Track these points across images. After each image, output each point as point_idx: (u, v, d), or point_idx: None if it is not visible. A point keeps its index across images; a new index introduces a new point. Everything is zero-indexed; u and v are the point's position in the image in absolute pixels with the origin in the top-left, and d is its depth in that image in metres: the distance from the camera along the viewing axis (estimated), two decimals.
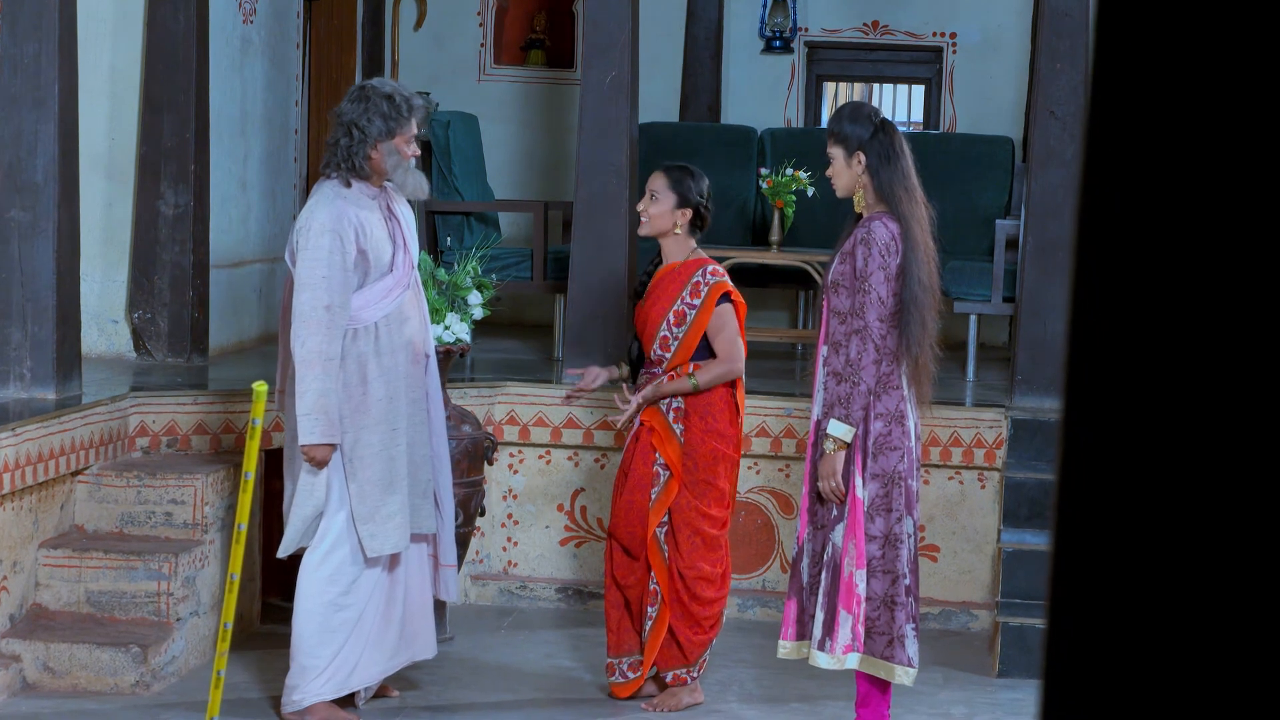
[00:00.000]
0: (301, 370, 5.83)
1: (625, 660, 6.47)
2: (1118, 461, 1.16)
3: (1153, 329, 1.15)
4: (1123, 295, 1.16)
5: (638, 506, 6.36)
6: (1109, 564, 1.16)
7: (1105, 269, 1.16)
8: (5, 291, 6.98)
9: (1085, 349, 1.17)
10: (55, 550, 6.62)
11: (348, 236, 5.88)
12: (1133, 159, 1.16)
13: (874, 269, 5.66)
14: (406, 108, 6.03)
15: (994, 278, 8.96)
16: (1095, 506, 1.16)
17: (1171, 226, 1.15)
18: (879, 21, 11.54)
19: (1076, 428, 1.17)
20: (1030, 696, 6.81)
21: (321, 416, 5.83)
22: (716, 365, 6.29)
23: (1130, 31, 1.16)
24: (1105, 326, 1.16)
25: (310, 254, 5.85)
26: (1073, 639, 1.17)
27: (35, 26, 6.96)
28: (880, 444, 5.72)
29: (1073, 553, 1.17)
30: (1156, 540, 1.15)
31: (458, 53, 11.64)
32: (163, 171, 8.32)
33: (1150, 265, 1.16)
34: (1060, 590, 1.18)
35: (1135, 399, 1.15)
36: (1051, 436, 7.76)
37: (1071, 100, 7.93)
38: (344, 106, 6.05)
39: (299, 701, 6.06)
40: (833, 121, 5.94)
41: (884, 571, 5.75)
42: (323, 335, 5.83)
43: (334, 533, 5.99)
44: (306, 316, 5.83)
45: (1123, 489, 1.16)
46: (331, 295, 5.84)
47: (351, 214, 5.92)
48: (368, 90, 6.04)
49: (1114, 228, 1.16)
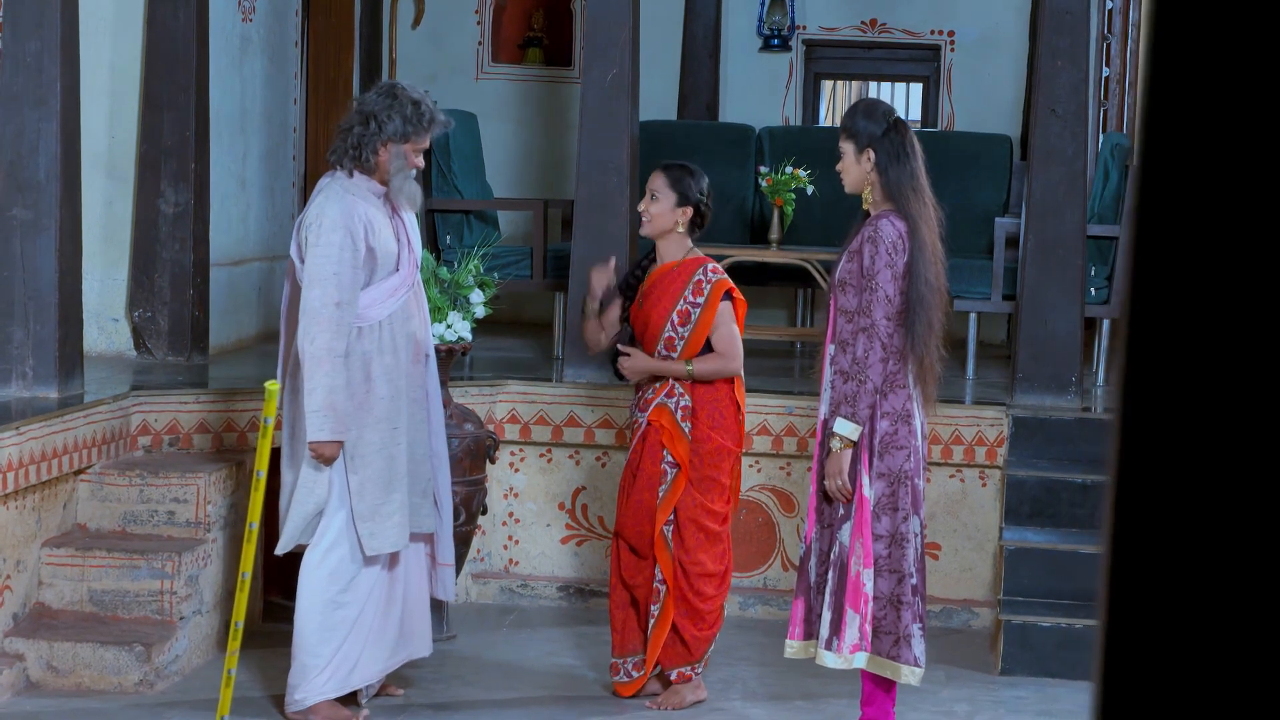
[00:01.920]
0: (310, 367, 5.82)
1: (630, 660, 6.47)
2: (1176, 462, 1.16)
3: (1211, 327, 1.15)
4: (1181, 293, 1.16)
5: (647, 506, 6.36)
6: (1167, 565, 1.16)
7: (1164, 268, 1.16)
8: (7, 290, 6.97)
9: (1143, 346, 1.17)
10: (58, 549, 6.61)
11: (357, 234, 5.87)
12: (1190, 158, 1.16)
13: (881, 267, 5.66)
14: (429, 118, 6.03)
15: (994, 276, 8.97)
16: (1153, 507, 1.16)
17: (1229, 228, 1.15)
18: (877, 19, 11.55)
19: (1134, 427, 1.17)
20: (1033, 694, 6.82)
21: (331, 413, 5.82)
22: (715, 359, 6.30)
23: (1187, 32, 1.16)
24: (1164, 324, 1.16)
25: (321, 250, 5.83)
26: (1131, 640, 1.17)
27: (37, 24, 6.95)
28: (886, 443, 5.72)
29: (1130, 553, 1.17)
30: (1214, 541, 1.15)
31: (455, 51, 11.64)
32: (163, 170, 8.31)
33: (1208, 263, 1.16)
34: (1117, 591, 1.18)
35: (1194, 399, 1.15)
36: (1053, 434, 7.77)
37: (1072, 98, 7.94)
38: (368, 97, 6.05)
39: (302, 701, 6.05)
40: (846, 116, 5.93)
41: (890, 571, 5.75)
42: (332, 332, 5.82)
43: (334, 530, 5.99)
44: (316, 313, 5.82)
45: (1181, 489, 1.16)
46: (341, 292, 5.83)
47: (361, 211, 5.91)
48: (398, 89, 6.04)
49: (1172, 229, 1.16)
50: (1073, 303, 7.97)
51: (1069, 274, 7.98)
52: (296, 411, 5.95)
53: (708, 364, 6.30)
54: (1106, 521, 1.20)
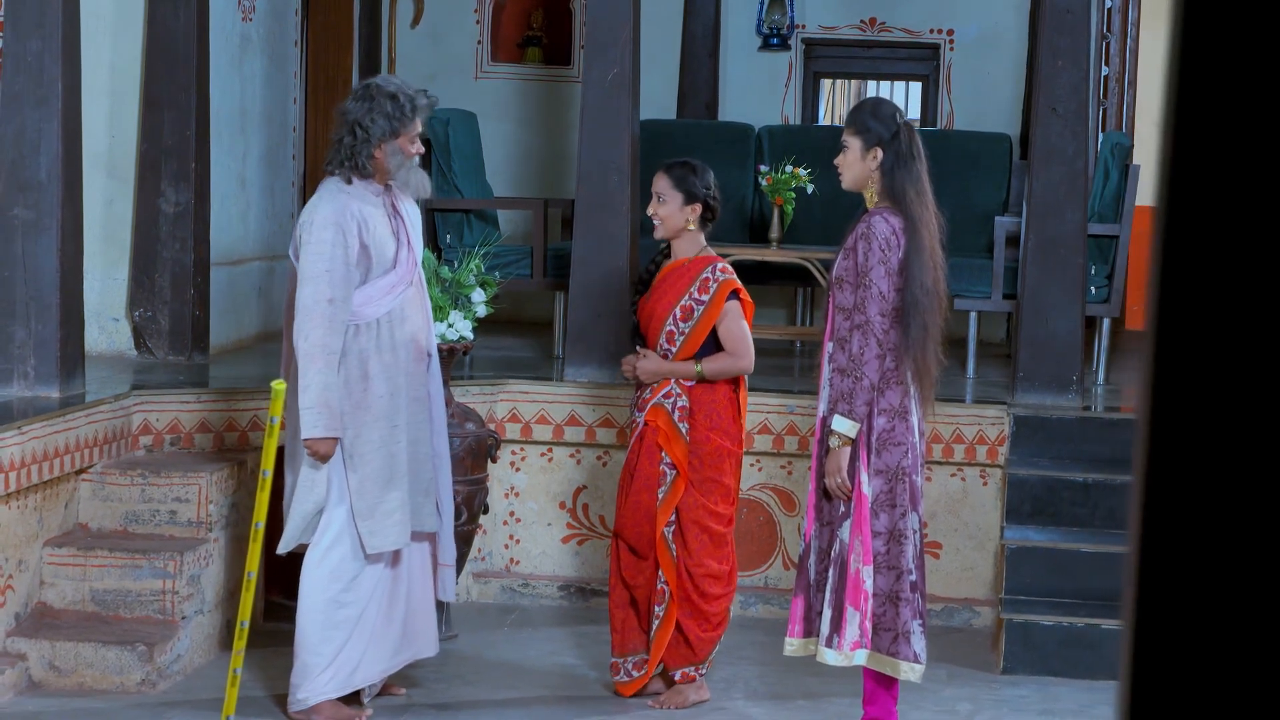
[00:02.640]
0: (304, 364, 5.82)
1: (630, 659, 6.47)
2: (1202, 464, 1.16)
3: (1239, 328, 1.15)
4: (1208, 296, 1.16)
5: (645, 506, 6.36)
6: (1193, 566, 1.17)
7: (1192, 270, 1.16)
8: (9, 290, 6.97)
9: (1171, 348, 1.17)
10: (60, 549, 6.61)
11: (350, 231, 5.87)
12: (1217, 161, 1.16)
13: (874, 263, 5.65)
14: (410, 107, 6.02)
15: (994, 275, 8.98)
16: (1182, 507, 1.17)
17: (1258, 230, 1.15)
18: (876, 18, 11.55)
19: (1161, 429, 1.17)
20: (1035, 693, 6.82)
21: (325, 410, 5.82)
22: (724, 358, 6.30)
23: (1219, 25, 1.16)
24: (1191, 325, 1.16)
25: (313, 248, 5.84)
26: (1158, 641, 1.17)
27: (38, 24, 6.94)
28: (884, 440, 5.72)
29: (1157, 555, 1.17)
30: (1241, 542, 1.15)
31: (455, 50, 11.63)
32: (163, 169, 8.31)
33: (1236, 265, 1.16)
34: (1144, 592, 1.18)
35: (1221, 400, 1.15)
36: (1054, 433, 7.78)
37: (1073, 97, 7.94)
38: (348, 105, 6.04)
39: (304, 700, 6.05)
40: (854, 113, 5.90)
41: (889, 567, 5.75)
42: (325, 329, 5.82)
43: (334, 529, 5.98)
44: (309, 310, 5.83)
45: (1207, 492, 1.16)
46: (334, 289, 5.83)
47: (355, 208, 5.91)
48: (372, 89, 6.03)
49: (1201, 233, 1.16)
50: (1073, 302, 7.97)
51: (1070, 273, 7.99)
52: (294, 411, 5.95)
53: (717, 363, 6.30)
54: (1133, 524, 1.20)
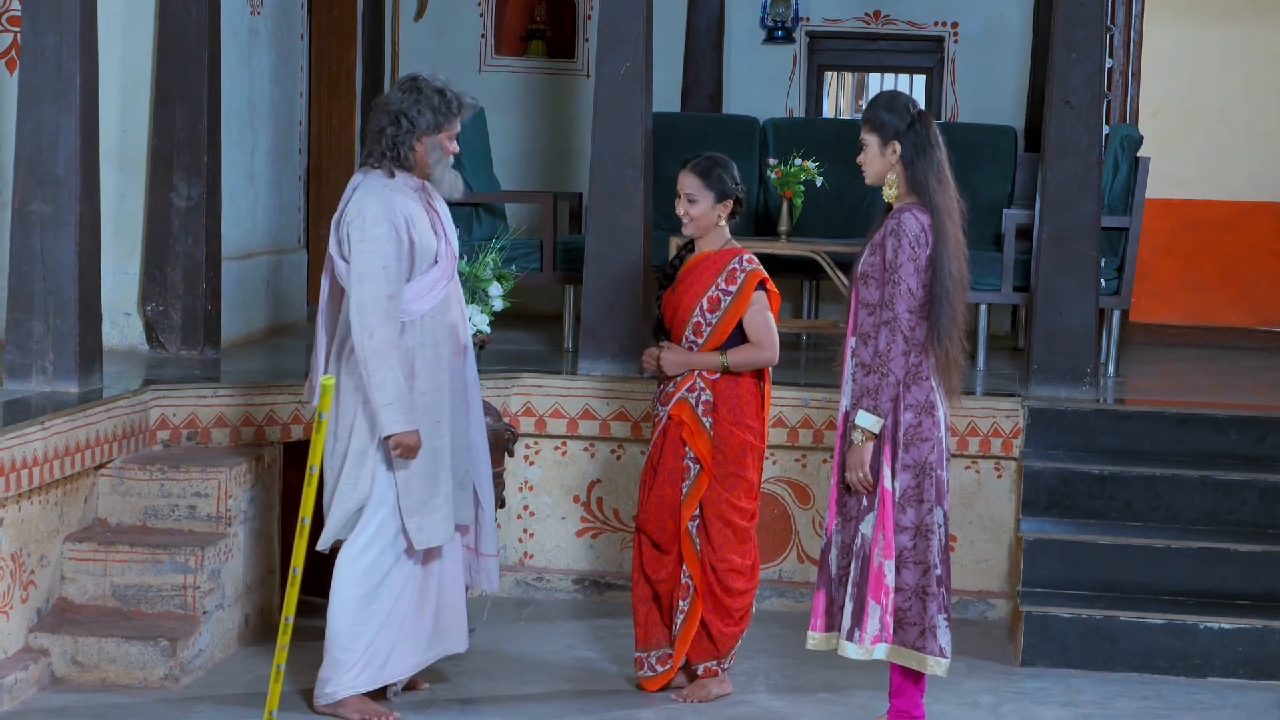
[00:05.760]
0: (374, 362, 5.81)
1: (654, 654, 6.47)
2: None
3: None
4: None
5: (668, 501, 6.35)
6: None
7: None
8: (27, 284, 6.95)
9: None
10: (80, 544, 6.60)
11: (400, 227, 5.86)
12: None
13: (904, 260, 5.66)
14: (457, 104, 6.04)
15: (1004, 267, 8.99)
16: None
17: None
18: (880, 11, 11.55)
19: None
20: (1056, 685, 6.83)
21: (402, 404, 5.82)
22: (750, 349, 6.31)
23: None
24: None
25: (368, 244, 5.82)
26: None
27: (55, 18, 6.92)
28: (911, 435, 5.73)
29: None
30: None
31: (458, 43, 11.62)
32: (175, 163, 8.30)
33: None
34: None
35: None
36: (1069, 425, 7.79)
37: (1087, 90, 7.95)
38: (392, 95, 6.03)
39: (332, 694, 6.05)
40: (868, 109, 5.92)
41: (915, 562, 5.76)
42: (390, 324, 5.82)
43: (373, 527, 5.98)
44: (371, 307, 5.81)
45: None
46: (390, 284, 5.83)
47: (400, 204, 5.90)
48: (420, 82, 6.03)
49: None
50: (1087, 294, 7.99)
51: (1083, 266, 8.00)
52: (340, 409, 5.94)
53: (742, 354, 6.30)
54: None
